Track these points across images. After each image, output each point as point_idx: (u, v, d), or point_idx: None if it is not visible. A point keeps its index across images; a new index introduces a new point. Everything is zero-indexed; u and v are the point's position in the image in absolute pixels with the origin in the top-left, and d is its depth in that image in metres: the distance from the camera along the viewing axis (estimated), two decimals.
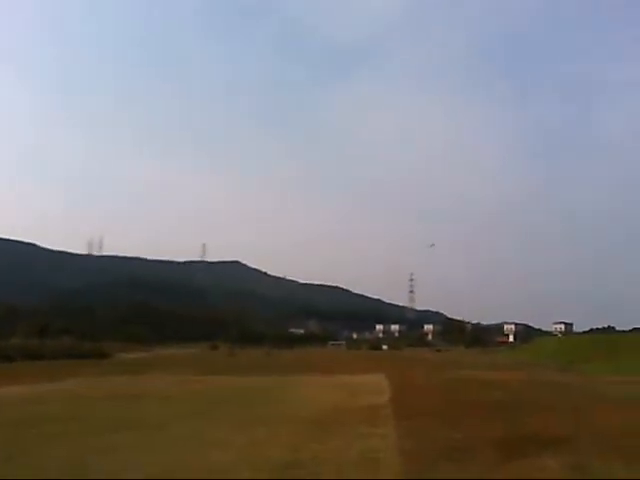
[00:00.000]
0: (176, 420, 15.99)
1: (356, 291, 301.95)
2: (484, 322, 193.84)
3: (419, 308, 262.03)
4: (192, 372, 38.86)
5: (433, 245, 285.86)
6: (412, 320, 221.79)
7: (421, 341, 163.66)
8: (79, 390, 25.90)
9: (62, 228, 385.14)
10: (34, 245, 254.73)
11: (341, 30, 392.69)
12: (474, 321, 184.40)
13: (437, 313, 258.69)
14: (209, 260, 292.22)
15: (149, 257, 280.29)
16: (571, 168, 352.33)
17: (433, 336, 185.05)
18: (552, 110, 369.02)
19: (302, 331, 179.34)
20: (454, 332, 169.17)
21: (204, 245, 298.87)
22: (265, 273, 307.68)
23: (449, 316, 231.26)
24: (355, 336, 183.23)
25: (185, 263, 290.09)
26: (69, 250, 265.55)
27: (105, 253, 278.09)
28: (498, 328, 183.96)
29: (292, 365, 49.94)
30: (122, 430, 14.14)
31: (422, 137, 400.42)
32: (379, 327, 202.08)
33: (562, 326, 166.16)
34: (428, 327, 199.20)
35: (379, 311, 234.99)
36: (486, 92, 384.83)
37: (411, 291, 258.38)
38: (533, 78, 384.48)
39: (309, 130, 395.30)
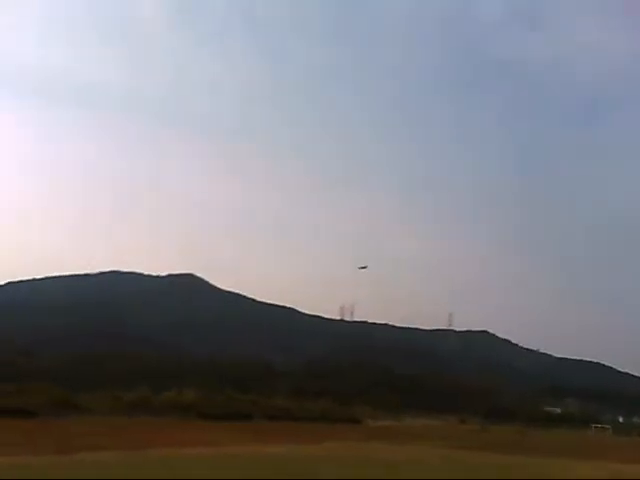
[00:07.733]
0: None
1: (621, 369, 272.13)
2: None
3: None
4: (447, 446, 37.95)
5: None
6: None
7: None
8: (345, 453, 26.80)
9: (318, 294, 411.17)
10: (293, 309, 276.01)
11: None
12: None
13: None
14: (456, 329, 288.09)
15: (397, 324, 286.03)
16: None
17: None
18: None
19: (558, 410, 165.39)
20: None
21: (451, 314, 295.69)
22: (516, 345, 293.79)
23: None
24: (621, 419, 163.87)
25: (432, 331, 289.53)
26: (323, 315, 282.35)
27: (356, 319, 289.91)
28: None
29: (553, 447, 46.40)
30: None
31: None
32: None
33: None
34: None
35: None
36: None
37: None
38: None
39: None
